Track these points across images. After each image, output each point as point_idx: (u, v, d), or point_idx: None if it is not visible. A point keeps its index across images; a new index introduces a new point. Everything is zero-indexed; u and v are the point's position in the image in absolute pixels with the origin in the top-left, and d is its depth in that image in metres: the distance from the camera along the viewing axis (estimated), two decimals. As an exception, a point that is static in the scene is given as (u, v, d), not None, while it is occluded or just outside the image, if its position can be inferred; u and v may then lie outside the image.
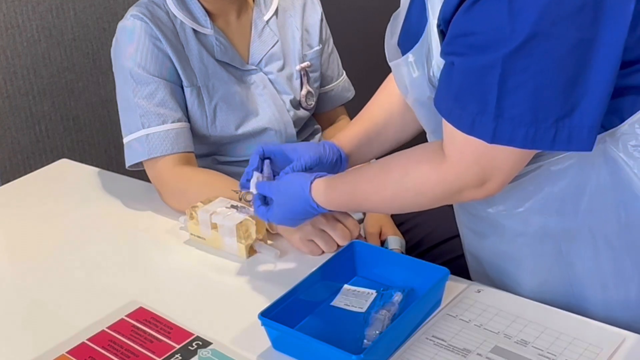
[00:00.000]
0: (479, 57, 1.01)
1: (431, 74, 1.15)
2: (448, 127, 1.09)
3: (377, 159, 1.68)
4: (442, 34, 1.09)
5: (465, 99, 1.05)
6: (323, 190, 1.27)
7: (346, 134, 1.44)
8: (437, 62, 1.12)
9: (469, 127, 1.05)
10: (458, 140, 1.08)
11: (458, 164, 1.10)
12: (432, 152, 1.15)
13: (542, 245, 1.19)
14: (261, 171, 1.36)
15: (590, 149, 1.02)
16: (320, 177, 1.29)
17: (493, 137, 1.03)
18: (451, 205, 1.37)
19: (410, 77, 1.19)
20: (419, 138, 1.46)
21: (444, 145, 1.12)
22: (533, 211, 1.17)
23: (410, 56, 1.16)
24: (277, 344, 1.14)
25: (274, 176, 1.37)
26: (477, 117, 1.03)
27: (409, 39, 1.19)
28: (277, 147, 1.39)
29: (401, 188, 1.18)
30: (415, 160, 1.18)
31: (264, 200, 1.34)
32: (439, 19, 1.08)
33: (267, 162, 1.37)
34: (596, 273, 1.17)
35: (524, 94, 1.00)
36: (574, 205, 1.14)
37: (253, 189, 1.35)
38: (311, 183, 1.28)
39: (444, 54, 1.08)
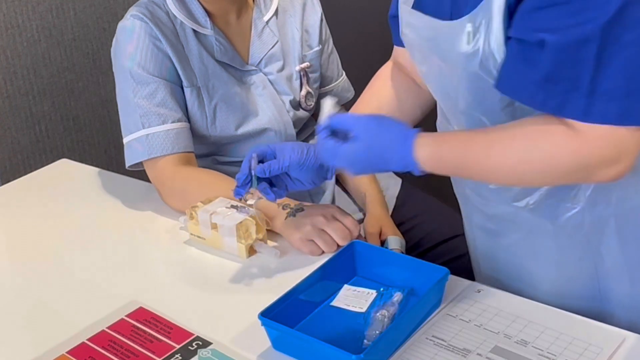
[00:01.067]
0: (574, 30, 0.96)
1: (487, 47, 1.06)
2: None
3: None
4: (508, 10, 1.02)
5: (560, 78, 0.98)
6: (430, 144, 1.13)
7: None
8: (497, 38, 1.04)
9: (559, 108, 1.00)
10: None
11: (593, 138, 1.01)
12: (561, 123, 1.04)
13: (570, 239, 1.18)
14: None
15: None
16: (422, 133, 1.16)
17: (609, 117, 0.98)
18: (451, 206, 1.37)
19: (459, 46, 1.08)
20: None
21: (570, 123, 1.03)
22: (563, 202, 1.15)
23: (468, 25, 1.06)
24: (277, 344, 1.14)
25: (270, 179, 1.33)
26: (569, 95, 0.98)
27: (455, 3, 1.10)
28: (268, 148, 1.34)
29: (527, 157, 1.07)
30: (544, 129, 1.06)
31: (334, 134, 1.20)
32: None
33: (253, 158, 1.32)
34: (624, 266, 1.17)
35: (629, 67, 0.95)
36: (606, 195, 1.13)
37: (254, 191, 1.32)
38: (416, 134, 1.14)
39: (524, 31, 1.00)
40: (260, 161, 1.31)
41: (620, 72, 0.96)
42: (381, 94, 1.39)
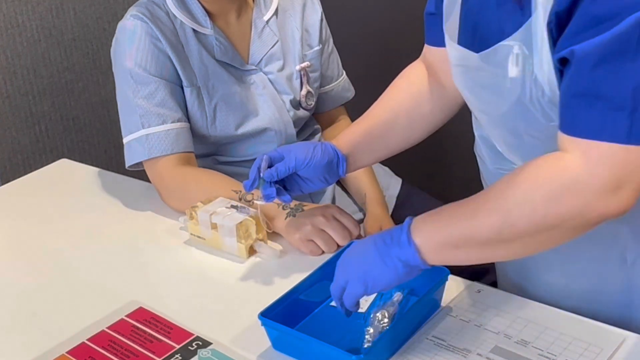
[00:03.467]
0: (607, 39, 0.90)
1: (531, 73, 1.03)
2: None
3: (381, 161, 1.66)
4: (551, 33, 0.97)
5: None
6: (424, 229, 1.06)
7: (346, 133, 1.40)
8: (543, 62, 1.00)
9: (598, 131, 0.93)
10: (581, 142, 0.95)
11: (586, 158, 0.94)
12: (552, 154, 0.99)
13: (605, 252, 1.17)
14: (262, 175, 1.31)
15: None
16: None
17: (629, 137, 0.91)
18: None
19: (508, 69, 1.04)
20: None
21: (562, 146, 0.97)
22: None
23: (515, 47, 1.01)
24: (277, 344, 1.14)
25: (276, 181, 1.32)
26: (608, 115, 0.92)
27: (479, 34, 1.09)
28: (276, 152, 1.33)
29: (509, 187, 1.00)
30: (529, 162, 1.00)
31: None
32: (550, 15, 0.96)
33: (265, 158, 1.31)
34: None
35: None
36: None
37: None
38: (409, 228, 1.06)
39: (566, 47, 0.95)
40: (269, 166, 1.31)
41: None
42: (400, 95, 1.37)
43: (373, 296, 1.23)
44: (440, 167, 2.52)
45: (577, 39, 0.93)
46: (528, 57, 1.01)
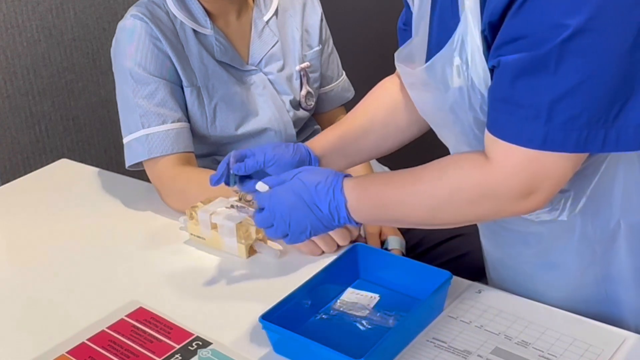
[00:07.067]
0: (530, 54, 0.97)
1: (469, 82, 1.08)
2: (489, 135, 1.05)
3: (380, 161, 1.66)
4: (486, 40, 1.03)
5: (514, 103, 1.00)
6: (354, 187, 1.17)
7: (320, 136, 1.40)
8: (477, 67, 1.06)
9: (515, 136, 1.01)
10: (501, 144, 1.03)
11: (503, 167, 1.04)
12: (475, 155, 1.09)
13: (578, 248, 1.18)
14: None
15: (639, 149, 1.00)
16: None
17: (543, 143, 0.99)
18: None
19: (449, 81, 1.11)
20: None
21: (486, 149, 1.06)
22: (575, 215, 1.15)
23: (456, 59, 1.08)
24: (278, 347, 1.14)
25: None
26: (526, 122, 1.00)
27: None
28: (248, 150, 1.32)
29: (437, 185, 1.10)
30: (454, 160, 1.12)
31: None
32: (484, 24, 1.02)
33: (233, 153, 1.31)
34: (631, 271, 1.17)
35: (578, 93, 0.96)
36: (608, 206, 1.13)
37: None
38: (342, 179, 1.17)
39: (495, 57, 1.02)
40: (240, 161, 1.30)
41: (580, 99, 0.98)
42: (376, 106, 1.38)
43: (376, 300, 1.22)
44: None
45: (502, 51, 1.00)
46: (462, 63, 1.07)
